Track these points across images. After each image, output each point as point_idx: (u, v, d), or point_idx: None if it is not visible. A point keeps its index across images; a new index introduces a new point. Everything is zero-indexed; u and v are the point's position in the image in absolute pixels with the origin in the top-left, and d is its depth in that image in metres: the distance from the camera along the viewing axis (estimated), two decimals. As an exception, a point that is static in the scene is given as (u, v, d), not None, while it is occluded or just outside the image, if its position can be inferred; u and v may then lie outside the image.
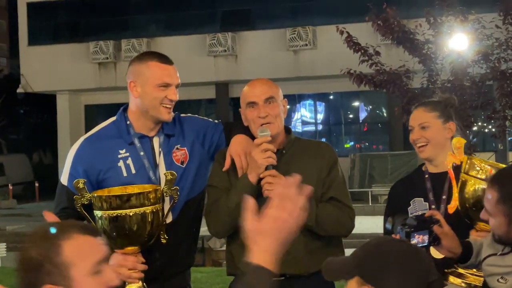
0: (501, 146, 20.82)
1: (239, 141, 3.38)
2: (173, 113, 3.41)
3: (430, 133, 3.44)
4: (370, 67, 13.70)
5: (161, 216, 3.15)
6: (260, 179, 3.27)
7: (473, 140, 14.52)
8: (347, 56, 14.27)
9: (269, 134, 3.28)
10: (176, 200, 3.18)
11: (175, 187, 3.18)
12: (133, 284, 3.14)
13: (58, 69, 25.18)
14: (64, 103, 26.68)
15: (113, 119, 3.45)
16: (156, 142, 3.40)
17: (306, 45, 23.33)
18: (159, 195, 3.12)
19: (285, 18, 24.11)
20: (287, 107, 3.49)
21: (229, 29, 24.24)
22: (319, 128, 26.61)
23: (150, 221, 3.08)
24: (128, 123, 3.40)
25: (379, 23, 13.48)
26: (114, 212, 3.03)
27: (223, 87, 25.10)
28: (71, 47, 25.64)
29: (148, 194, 3.08)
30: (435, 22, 13.35)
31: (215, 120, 3.62)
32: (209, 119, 3.63)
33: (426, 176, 3.49)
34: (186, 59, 20.53)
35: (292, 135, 3.47)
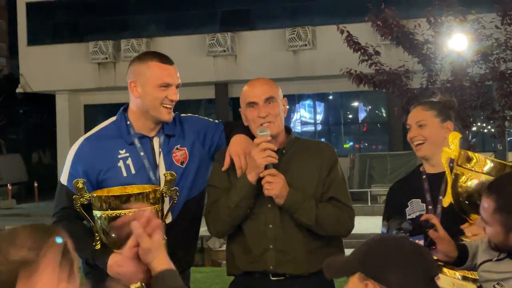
0: (500, 147, 20.83)
1: (238, 141, 3.38)
2: (173, 113, 3.40)
3: (427, 131, 3.44)
4: (370, 67, 13.69)
5: (160, 216, 3.15)
6: (260, 179, 3.27)
7: (472, 140, 14.51)
8: (346, 56, 14.27)
9: (268, 134, 3.28)
10: (175, 201, 3.18)
11: (174, 187, 3.17)
12: (132, 285, 3.14)
13: (58, 69, 25.16)
14: (63, 103, 26.66)
15: (113, 119, 3.45)
16: (156, 142, 3.40)
17: (306, 45, 23.32)
18: (158, 196, 3.11)
19: (284, 18, 24.09)
20: (287, 107, 3.49)
21: (228, 29, 24.22)
22: (319, 128, 26.60)
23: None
24: (128, 123, 3.39)
25: (379, 23, 13.48)
26: (113, 212, 3.02)
27: (222, 87, 25.09)
28: (70, 47, 25.63)
29: (148, 194, 3.07)
30: (435, 22, 13.35)
31: (215, 120, 3.61)
32: (210, 119, 3.63)
33: (424, 176, 3.48)
34: (185, 59, 20.48)
35: (292, 134, 3.47)
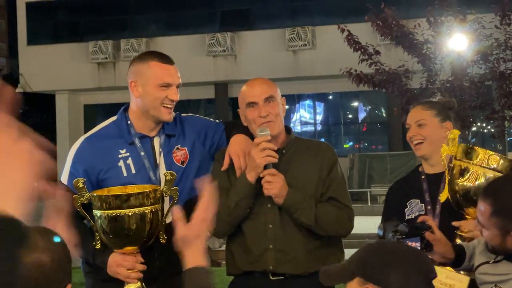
0: (500, 147, 20.81)
1: (238, 141, 3.38)
2: (174, 113, 3.41)
3: (426, 131, 3.44)
4: (370, 67, 13.69)
5: (160, 216, 3.15)
6: (260, 179, 3.27)
7: (472, 140, 14.52)
8: (346, 56, 14.27)
9: (268, 134, 3.28)
10: (176, 200, 3.18)
11: (174, 187, 3.17)
12: (132, 284, 3.14)
13: (57, 69, 25.15)
14: (63, 102, 26.64)
15: (113, 118, 3.45)
16: (157, 142, 3.40)
17: (305, 45, 23.31)
18: (158, 195, 3.12)
19: (284, 18, 24.09)
20: (286, 106, 3.49)
21: (228, 29, 24.21)
22: (318, 128, 26.59)
23: (149, 221, 3.08)
24: (129, 123, 3.39)
25: (379, 23, 13.49)
26: (113, 212, 3.03)
27: (222, 87, 25.07)
28: (70, 47, 25.61)
29: (148, 194, 3.08)
30: (435, 22, 13.36)
31: (216, 120, 3.62)
32: (210, 119, 3.63)
33: (423, 177, 3.48)
34: (185, 59, 20.44)
35: (292, 134, 3.47)
